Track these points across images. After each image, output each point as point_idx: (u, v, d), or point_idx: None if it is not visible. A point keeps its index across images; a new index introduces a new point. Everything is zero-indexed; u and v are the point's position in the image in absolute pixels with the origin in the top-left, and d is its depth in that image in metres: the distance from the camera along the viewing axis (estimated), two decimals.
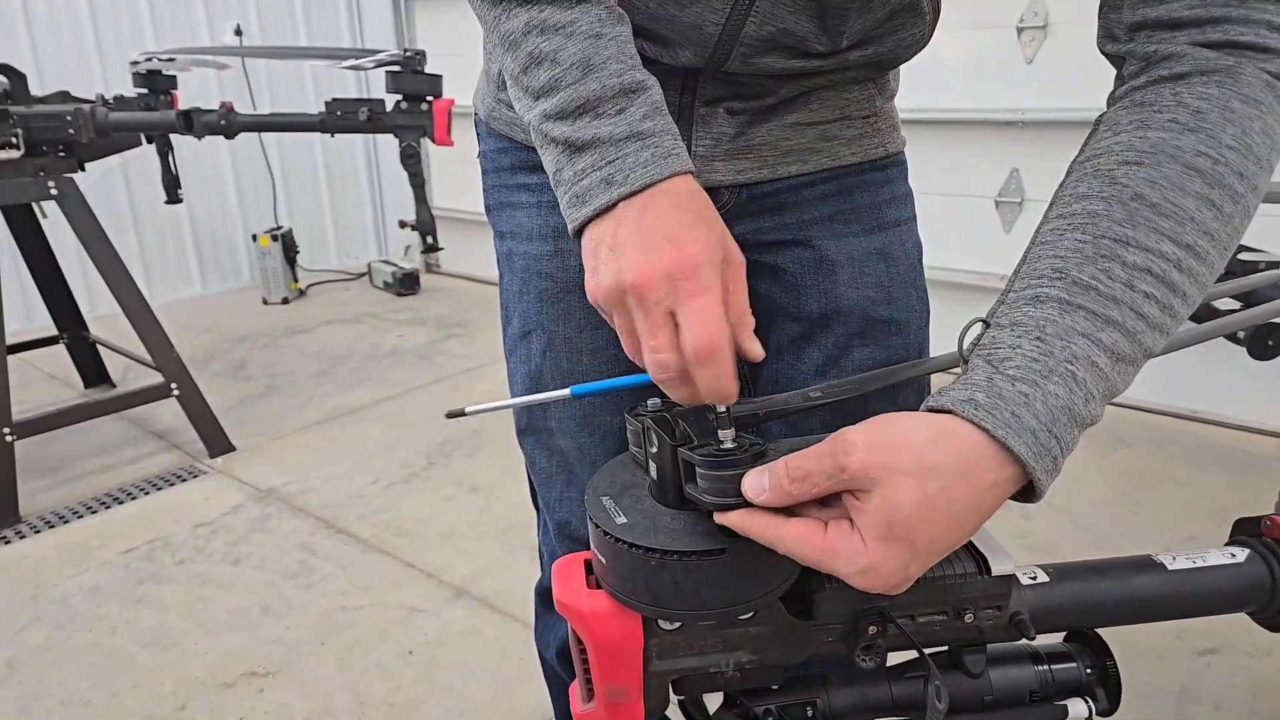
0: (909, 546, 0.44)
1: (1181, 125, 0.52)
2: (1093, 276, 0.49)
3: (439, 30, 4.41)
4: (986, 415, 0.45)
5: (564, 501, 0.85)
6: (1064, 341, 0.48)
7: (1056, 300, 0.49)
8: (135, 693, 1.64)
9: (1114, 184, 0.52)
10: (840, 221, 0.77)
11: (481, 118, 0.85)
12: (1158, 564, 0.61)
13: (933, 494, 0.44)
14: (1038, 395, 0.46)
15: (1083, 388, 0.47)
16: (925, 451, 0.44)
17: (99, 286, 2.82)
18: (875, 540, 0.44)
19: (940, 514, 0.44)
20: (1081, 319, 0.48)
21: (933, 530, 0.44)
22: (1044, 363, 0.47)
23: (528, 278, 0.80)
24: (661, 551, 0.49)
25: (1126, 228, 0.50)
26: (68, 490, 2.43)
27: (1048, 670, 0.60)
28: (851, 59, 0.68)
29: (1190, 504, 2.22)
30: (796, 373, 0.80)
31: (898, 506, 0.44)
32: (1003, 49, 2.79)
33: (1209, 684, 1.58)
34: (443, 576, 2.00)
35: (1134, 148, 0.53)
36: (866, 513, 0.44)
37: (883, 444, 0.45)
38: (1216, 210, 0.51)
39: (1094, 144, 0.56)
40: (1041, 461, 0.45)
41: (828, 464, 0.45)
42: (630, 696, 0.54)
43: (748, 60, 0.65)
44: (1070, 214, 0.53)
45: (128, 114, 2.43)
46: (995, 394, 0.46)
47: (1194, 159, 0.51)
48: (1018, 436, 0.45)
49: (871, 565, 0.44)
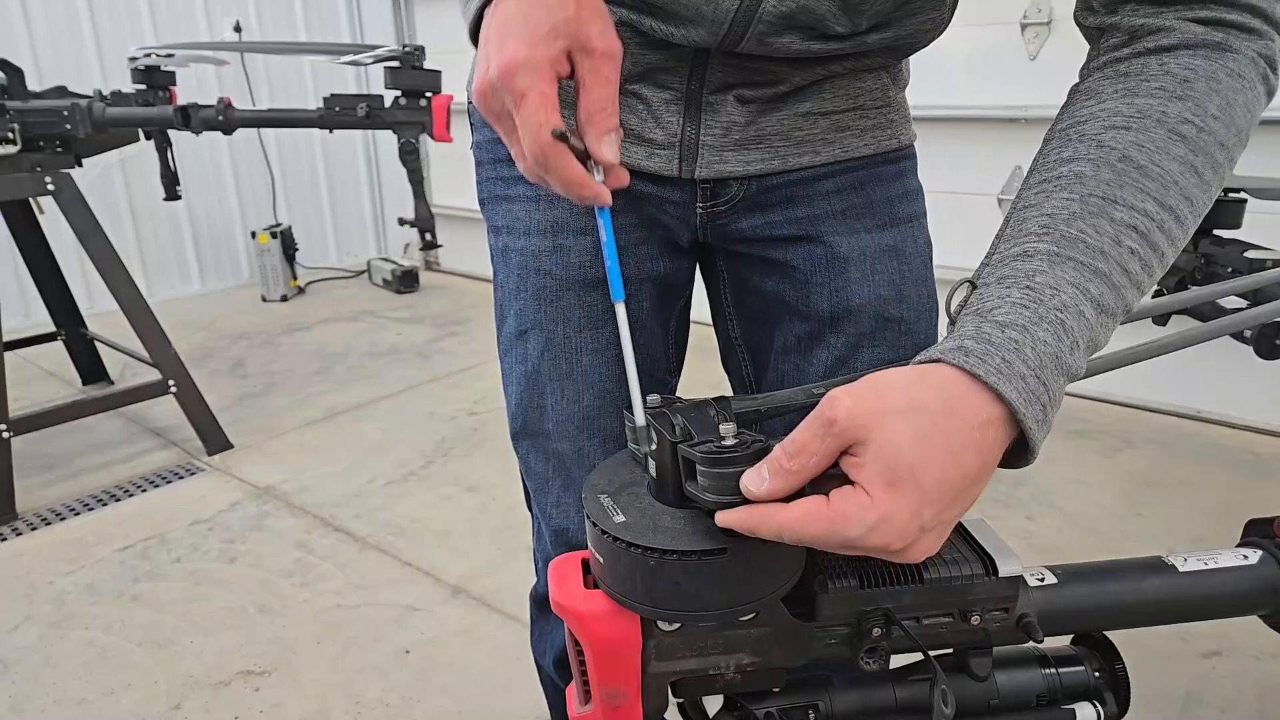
0: (916, 489, 0.42)
1: (1168, 93, 0.52)
2: (1081, 230, 0.49)
3: (438, 26, 4.40)
4: (977, 362, 0.44)
5: (561, 507, 0.82)
6: (1053, 290, 0.47)
7: (1045, 254, 0.49)
8: (130, 691, 1.63)
9: (1101, 147, 0.52)
10: (852, 216, 0.75)
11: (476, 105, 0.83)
12: (1168, 566, 0.59)
13: (926, 429, 0.43)
14: (1027, 341, 0.45)
15: (1069, 335, 0.47)
16: (910, 390, 0.44)
17: (97, 283, 2.81)
18: (880, 489, 0.42)
19: (938, 449, 0.43)
20: (1070, 269, 0.48)
21: (935, 468, 0.42)
22: (1033, 309, 0.47)
23: (525, 274, 0.77)
24: (661, 551, 0.47)
25: (1114, 188, 0.50)
26: (64, 487, 2.42)
27: (1055, 674, 0.59)
28: (870, 42, 0.67)
29: (1196, 505, 2.21)
30: (804, 374, 0.78)
31: (894, 446, 0.42)
32: (1006, 45, 2.78)
33: (1215, 687, 1.57)
34: (440, 575, 1.99)
35: (1121, 113, 0.53)
36: (865, 463, 0.43)
37: (867, 392, 0.44)
38: (1198, 177, 0.51)
39: (1074, 111, 0.56)
40: (1031, 409, 0.44)
41: (818, 425, 0.44)
42: (628, 699, 0.52)
43: (764, 40, 0.63)
44: (1055, 177, 0.53)
45: (125, 109, 2.42)
46: (984, 340, 0.46)
47: (1180, 125, 0.51)
48: (1008, 382, 0.44)
49: (883, 516, 0.42)
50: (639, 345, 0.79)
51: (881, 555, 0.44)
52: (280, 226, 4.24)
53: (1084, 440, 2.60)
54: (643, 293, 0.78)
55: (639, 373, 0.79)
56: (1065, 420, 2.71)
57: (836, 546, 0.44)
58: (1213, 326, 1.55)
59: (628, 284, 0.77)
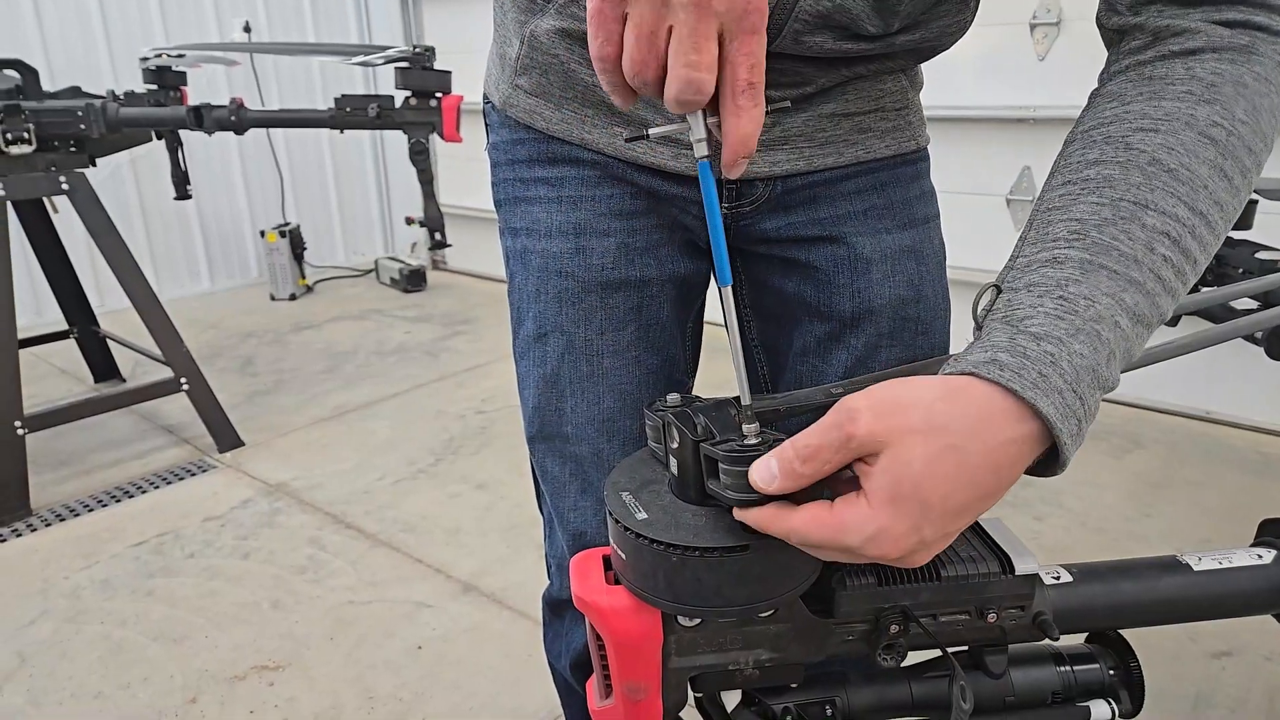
0: (918, 506, 0.42)
1: (1196, 97, 0.52)
2: (1113, 237, 0.48)
3: (446, 27, 4.40)
4: (1014, 376, 0.43)
5: (579, 510, 0.81)
6: (1088, 301, 0.46)
7: (1077, 261, 0.48)
8: (145, 685, 1.64)
9: (1129, 149, 0.51)
10: (874, 217, 0.76)
11: (495, 105, 0.81)
12: (1183, 564, 0.60)
13: (942, 449, 0.42)
14: (1063, 354, 0.44)
15: (1106, 347, 0.46)
16: (934, 408, 0.43)
17: (109, 282, 2.83)
18: (881, 502, 0.43)
19: (950, 469, 0.42)
20: (1104, 279, 0.47)
21: (943, 487, 0.42)
22: (1069, 320, 0.46)
23: (545, 277, 0.77)
24: (683, 548, 0.48)
25: (1145, 191, 0.49)
26: (78, 484, 2.44)
27: (1070, 671, 0.59)
28: (898, 44, 0.67)
29: (1205, 506, 2.20)
30: (822, 376, 0.79)
31: (906, 464, 0.42)
32: (1015, 46, 2.78)
33: (1225, 688, 1.57)
34: (450, 572, 2.00)
35: (1148, 115, 0.52)
36: (873, 475, 0.43)
37: (888, 406, 0.43)
38: (1227, 181, 0.51)
39: (1098, 114, 0.55)
40: (1067, 424, 0.44)
41: (834, 435, 0.43)
42: (649, 694, 0.53)
43: (799, 39, 0.63)
44: (1082, 179, 0.52)
45: (138, 110, 2.44)
46: (1020, 354, 0.44)
47: (1209, 129, 0.51)
48: (1045, 397, 0.43)
49: (881, 529, 0.43)
50: (659, 347, 0.80)
51: (881, 562, 0.45)
52: (289, 226, 4.26)
53: (1092, 440, 2.59)
54: (664, 294, 0.78)
55: (660, 376, 0.80)
56: None
57: (837, 553, 0.45)
58: (1225, 328, 1.55)
59: (649, 286, 0.77)
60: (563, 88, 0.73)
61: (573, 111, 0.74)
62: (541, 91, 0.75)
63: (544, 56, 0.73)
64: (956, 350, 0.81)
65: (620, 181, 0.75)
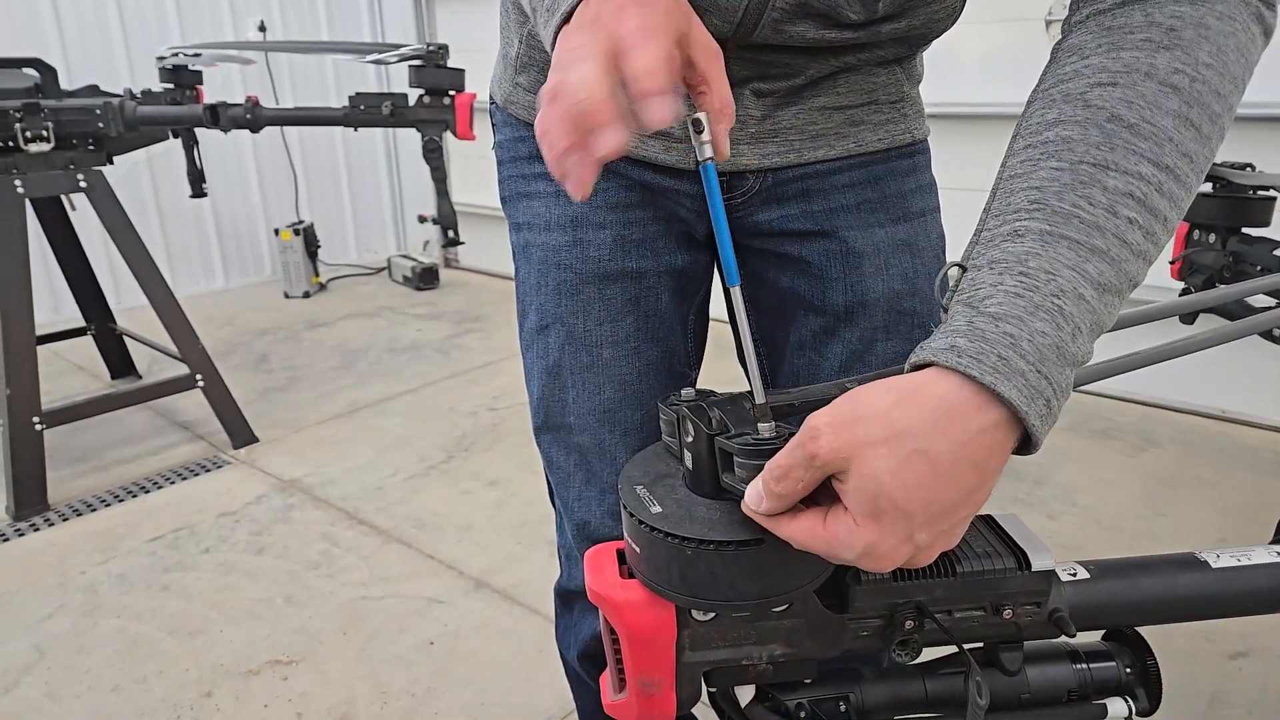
0: (902, 518, 0.42)
1: (1155, 44, 0.50)
2: (1073, 204, 0.47)
3: (459, 26, 4.42)
4: (972, 362, 0.42)
5: (583, 500, 0.83)
6: (1049, 275, 0.45)
7: (1037, 233, 0.47)
8: (161, 679, 1.66)
9: (1088, 107, 0.49)
10: (867, 211, 0.76)
11: (499, 104, 0.83)
12: (1201, 562, 0.59)
13: (907, 457, 0.41)
14: (1024, 335, 0.43)
15: (1070, 323, 0.44)
16: (891, 415, 0.42)
17: (125, 279, 2.85)
18: (864, 519, 0.43)
19: (922, 475, 0.41)
20: (1065, 250, 0.46)
21: (920, 494, 0.42)
22: (1029, 298, 0.44)
23: (545, 269, 0.78)
24: (698, 541, 0.48)
25: (1105, 150, 0.48)
26: (95, 479, 2.46)
27: (1086, 669, 0.59)
28: (884, 32, 0.67)
29: (1219, 505, 2.18)
30: (819, 369, 0.79)
31: (875, 479, 0.41)
32: (1028, 42, 2.76)
33: (1241, 687, 1.56)
34: (461, 569, 2.01)
35: (1106, 69, 0.50)
36: (848, 493, 0.43)
37: (847, 421, 0.43)
38: (1195, 130, 0.48)
39: (1058, 70, 0.53)
40: (1034, 405, 0.43)
41: (799, 454, 0.43)
42: (662, 688, 0.53)
43: (779, 27, 0.63)
44: (1042, 143, 0.50)
45: (156, 108, 2.46)
46: (978, 338, 0.43)
47: (1170, 76, 0.48)
48: (1008, 381, 0.42)
49: (869, 545, 0.43)
50: (659, 338, 0.80)
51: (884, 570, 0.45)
52: (302, 224, 4.29)
53: (1107, 439, 2.58)
54: (662, 285, 0.79)
55: (660, 367, 0.81)
56: (1088, 419, 2.69)
57: (838, 561, 0.45)
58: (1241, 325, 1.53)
59: (646, 277, 0.78)
60: None
61: None
62: (539, 88, 0.76)
63: (542, 55, 0.75)
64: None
65: (615, 175, 0.75)
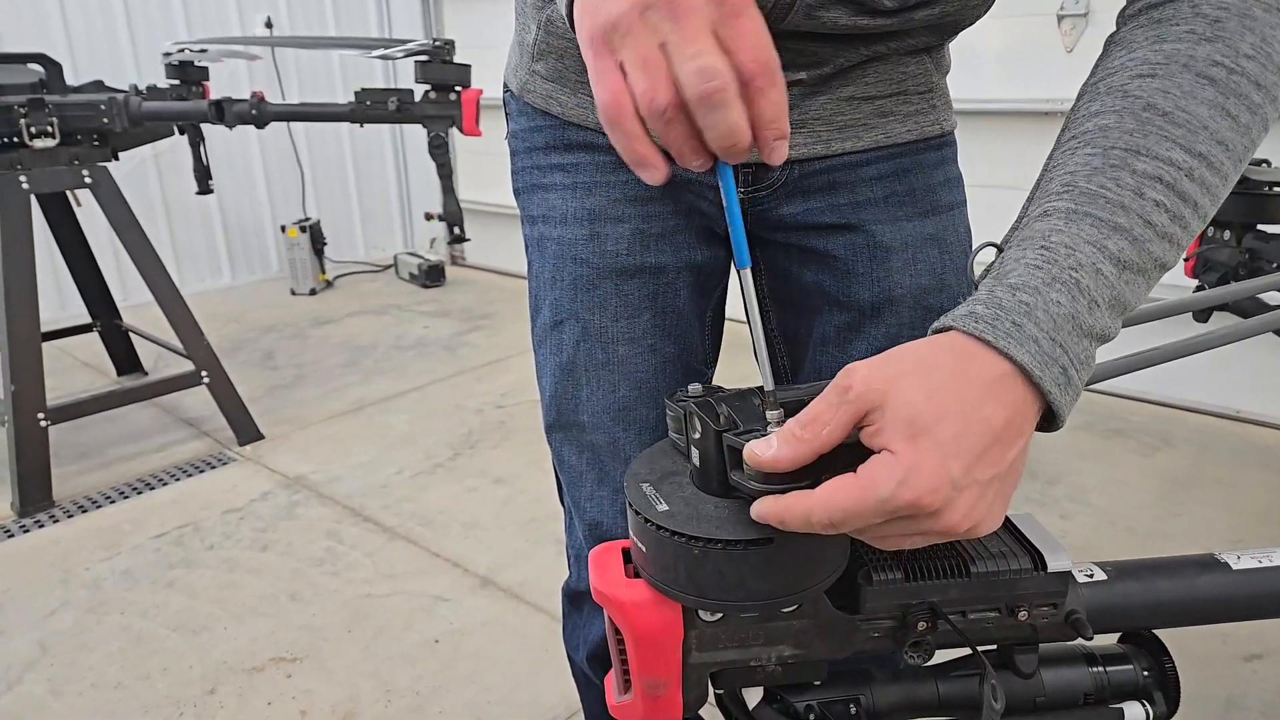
0: (936, 443, 0.42)
1: (1198, 35, 0.51)
2: (1101, 185, 0.49)
3: (466, 22, 4.41)
4: (986, 327, 0.44)
5: (595, 500, 0.81)
6: (1069, 249, 0.47)
7: (1063, 211, 0.49)
8: (165, 675, 1.65)
9: (1126, 97, 0.51)
10: (895, 204, 0.74)
11: (514, 92, 0.81)
12: (1221, 563, 0.58)
13: (939, 384, 0.43)
14: (1039, 303, 0.45)
15: (1086, 295, 0.46)
16: (921, 353, 0.45)
17: (131, 275, 2.86)
18: (901, 443, 0.42)
19: (953, 401, 0.43)
20: (1087, 226, 0.48)
21: (952, 420, 0.42)
22: (1046, 270, 0.46)
23: (561, 264, 0.77)
24: (705, 540, 0.47)
25: (1137, 137, 0.49)
26: (100, 475, 2.46)
27: (1103, 672, 0.57)
28: (917, 18, 0.65)
29: (1234, 506, 2.16)
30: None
31: (910, 404, 0.43)
32: (1042, 38, 2.73)
33: (1256, 691, 1.54)
34: (467, 566, 2.00)
35: (1148, 61, 0.52)
36: (884, 425, 0.43)
37: (880, 360, 0.45)
38: (1232, 120, 0.50)
39: (1107, 63, 0.55)
40: (1049, 370, 0.44)
41: (833, 395, 0.44)
42: (669, 689, 0.52)
43: (811, 13, 0.62)
44: (1082, 133, 0.52)
45: (161, 104, 2.45)
46: (995, 305, 0.45)
47: (1208, 68, 0.50)
48: (1020, 345, 0.44)
49: (909, 468, 0.41)
50: (676, 335, 0.79)
51: (923, 525, 0.43)
52: (309, 221, 4.29)
53: (1120, 439, 2.55)
54: (681, 281, 0.77)
55: (677, 365, 0.79)
56: (1101, 419, 2.67)
57: (869, 514, 0.42)
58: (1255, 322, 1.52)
59: (665, 272, 0.76)
60: (578, 72, 0.72)
61: (589, 96, 0.73)
62: (558, 76, 0.74)
63: (560, 41, 0.73)
64: None
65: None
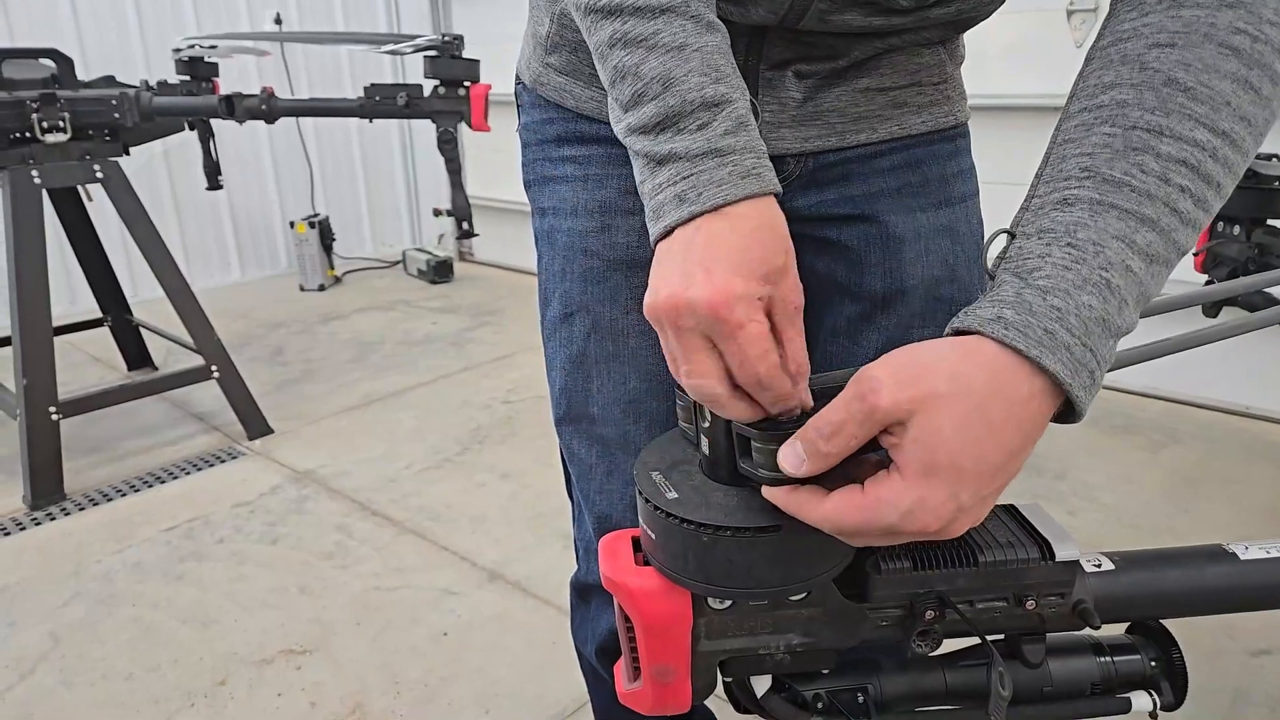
0: (954, 474, 0.42)
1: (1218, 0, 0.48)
2: (1125, 172, 0.46)
3: (474, 18, 4.41)
4: (1018, 335, 0.43)
5: (605, 493, 0.81)
6: (1097, 247, 0.45)
7: (1087, 201, 0.46)
8: (175, 667, 1.67)
9: (1144, 69, 0.48)
10: (908, 195, 0.74)
11: (527, 84, 0.81)
12: (1229, 553, 0.58)
13: (970, 412, 0.42)
14: (1070, 308, 0.44)
15: (1116, 295, 0.45)
16: (956, 370, 0.43)
17: (142, 271, 2.87)
18: (915, 473, 0.42)
19: (980, 431, 0.42)
20: (1115, 220, 0.46)
21: (976, 450, 0.42)
22: (1076, 271, 0.45)
23: (571, 256, 0.76)
24: (714, 528, 0.47)
25: (1159, 115, 0.47)
26: (111, 469, 2.48)
27: (1110, 662, 0.58)
28: (933, 16, 0.65)
29: (1242, 502, 2.15)
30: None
31: (936, 431, 0.42)
32: (1050, 33, 2.72)
33: (1264, 685, 1.53)
34: (475, 560, 2.01)
35: (1165, 28, 0.49)
36: (904, 446, 0.42)
37: (910, 373, 0.43)
38: (1254, 93, 0.47)
39: (1117, 25, 0.52)
40: (1079, 378, 0.43)
41: (857, 408, 0.43)
42: (677, 676, 0.53)
43: (825, 17, 0.62)
44: (1097, 106, 0.50)
45: (172, 99, 2.47)
46: (1025, 310, 0.44)
47: (1230, 36, 0.47)
48: (1053, 354, 0.43)
49: (917, 500, 0.42)
50: None
51: (919, 538, 0.44)
52: (318, 217, 4.30)
53: (1128, 435, 2.55)
54: None
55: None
56: (1109, 415, 2.66)
57: (875, 534, 0.44)
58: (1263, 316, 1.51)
59: None
60: (591, 66, 0.72)
61: (601, 89, 0.73)
62: (571, 70, 0.74)
63: (573, 34, 0.73)
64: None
65: None
